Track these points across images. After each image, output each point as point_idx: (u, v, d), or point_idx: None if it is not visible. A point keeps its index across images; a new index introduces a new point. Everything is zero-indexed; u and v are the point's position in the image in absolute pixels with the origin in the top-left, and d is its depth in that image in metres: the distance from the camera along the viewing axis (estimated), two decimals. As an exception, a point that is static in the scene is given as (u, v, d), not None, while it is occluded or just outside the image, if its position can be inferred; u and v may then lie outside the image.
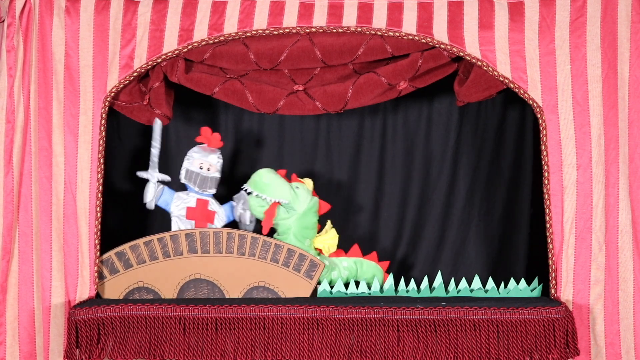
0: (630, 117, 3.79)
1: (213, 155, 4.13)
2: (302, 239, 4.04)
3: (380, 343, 3.70)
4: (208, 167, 4.11)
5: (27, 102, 3.86)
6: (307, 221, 4.07)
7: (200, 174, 4.10)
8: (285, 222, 4.04)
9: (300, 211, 4.04)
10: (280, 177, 4.05)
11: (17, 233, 3.86)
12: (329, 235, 4.14)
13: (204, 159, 4.11)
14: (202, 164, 4.11)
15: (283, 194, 4.01)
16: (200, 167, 4.11)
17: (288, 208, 4.04)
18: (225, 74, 4.03)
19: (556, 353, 3.66)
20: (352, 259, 4.14)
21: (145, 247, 3.95)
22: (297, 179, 4.11)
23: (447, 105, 4.51)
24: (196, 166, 4.11)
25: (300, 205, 4.04)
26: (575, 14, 3.79)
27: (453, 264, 4.53)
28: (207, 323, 3.75)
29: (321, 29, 3.86)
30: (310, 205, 4.07)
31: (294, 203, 4.03)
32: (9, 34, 3.83)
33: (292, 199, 4.02)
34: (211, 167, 4.11)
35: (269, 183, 4.00)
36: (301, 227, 4.05)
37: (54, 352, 3.86)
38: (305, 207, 4.05)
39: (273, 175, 4.03)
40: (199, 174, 4.10)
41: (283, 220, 4.04)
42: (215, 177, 4.12)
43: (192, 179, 4.11)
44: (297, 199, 4.03)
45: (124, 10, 3.89)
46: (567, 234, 3.80)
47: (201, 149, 4.14)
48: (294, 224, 4.04)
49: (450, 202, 4.55)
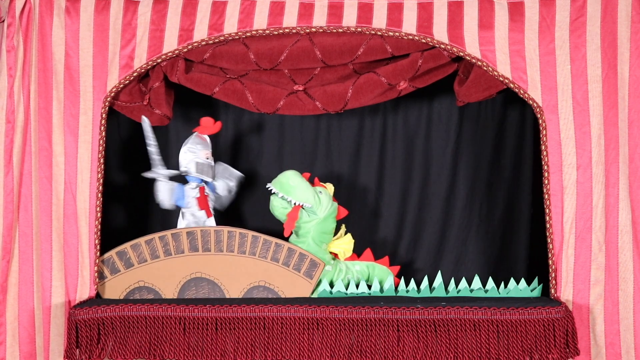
0: (630, 117, 3.79)
1: (209, 143, 4.17)
2: (320, 243, 4.05)
3: (380, 343, 3.70)
4: (208, 156, 4.15)
5: (27, 102, 3.86)
6: (327, 226, 4.09)
7: (210, 164, 4.14)
8: (305, 226, 4.05)
9: (322, 216, 4.06)
10: (305, 180, 4.06)
11: (17, 233, 3.86)
12: (345, 240, 4.16)
13: (207, 149, 4.15)
14: (207, 154, 4.14)
15: (308, 197, 4.03)
16: (206, 157, 4.13)
17: (310, 212, 4.05)
18: (225, 74, 4.03)
19: (556, 353, 3.66)
20: (365, 263, 4.15)
21: (147, 245, 3.95)
22: (319, 183, 4.13)
23: (447, 105, 4.51)
24: (203, 157, 4.13)
25: (322, 210, 4.06)
26: (575, 14, 3.79)
27: (453, 264, 4.53)
28: (207, 323, 3.75)
29: (321, 29, 3.86)
30: (331, 211, 4.09)
31: (316, 208, 4.04)
32: (9, 34, 3.83)
33: (315, 203, 4.03)
34: (209, 155, 4.16)
35: (295, 186, 4.02)
36: (320, 231, 4.06)
37: (54, 352, 3.86)
38: (326, 212, 4.07)
39: (299, 178, 4.05)
40: (209, 164, 4.13)
41: (304, 223, 4.05)
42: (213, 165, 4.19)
43: (204, 170, 4.13)
44: (320, 204, 4.05)
45: (124, 10, 3.89)
46: (567, 234, 3.80)
47: (200, 139, 4.15)
48: (313, 228, 4.05)
49: (450, 202, 4.55)
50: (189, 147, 4.13)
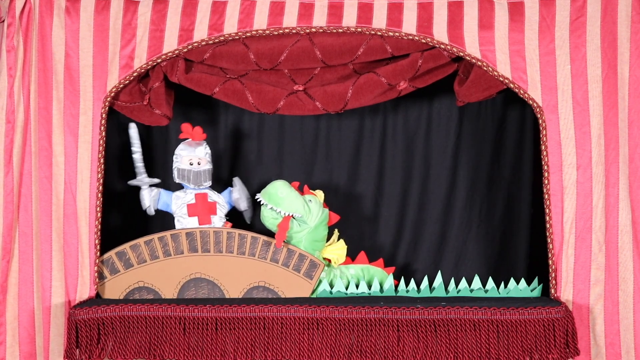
0: (630, 117, 3.79)
1: (200, 148, 4.13)
2: (313, 251, 4.04)
3: (380, 343, 3.70)
4: (198, 162, 4.12)
5: (27, 102, 3.86)
6: (318, 234, 4.07)
7: (192, 170, 4.11)
8: (297, 236, 4.03)
9: (312, 225, 4.04)
10: (294, 190, 4.04)
11: (17, 233, 3.86)
12: (338, 246, 4.15)
13: (192, 155, 4.12)
14: (191, 160, 4.11)
15: (297, 208, 4.01)
16: (190, 163, 4.11)
17: (300, 222, 4.03)
18: (225, 74, 4.03)
19: (556, 353, 3.66)
20: (359, 266, 4.14)
21: (146, 246, 3.95)
22: (309, 191, 4.11)
23: (447, 105, 4.51)
24: (186, 163, 4.12)
25: (312, 219, 4.04)
26: (575, 14, 3.79)
27: (453, 264, 4.52)
28: (207, 323, 3.75)
29: (321, 29, 3.86)
30: (322, 218, 4.07)
31: (307, 217, 4.02)
32: (9, 34, 3.84)
33: (305, 213, 4.02)
34: (201, 161, 4.12)
35: (283, 197, 4.00)
36: (312, 240, 4.05)
37: (54, 352, 3.86)
38: (317, 221, 4.05)
39: (288, 188, 4.03)
40: (191, 170, 4.11)
41: (295, 233, 4.03)
42: (207, 170, 4.13)
43: (185, 176, 4.12)
44: (310, 214, 4.03)
45: (124, 10, 3.89)
46: (567, 234, 3.80)
47: (187, 145, 4.14)
48: (305, 238, 4.03)
49: (450, 202, 4.54)
50: (174, 154, 4.14)
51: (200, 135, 4.16)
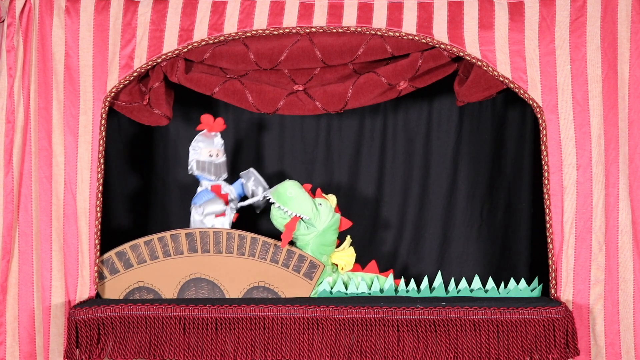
0: (630, 117, 3.79)
1: (217, 139, 4.14)
2: (320, 255, 4.02)
3: (380, 343, 3.70)
4: (217, 153, 4.12)
5: (27, 102, 3.86)
6: (326, 239, 4.04)
7: (212, 162, 4.12)
8: (304, 238, 4.01)
9: (320, 229, 4.01)
10: (305, 191, 4.03)
11: (17, 233, 3.86)
12: (347, 253, 4.12)
13: (211, 147, 4.13)
14: (210, 152, 4.12)
15: (305, 209, 3.99)
16: (210, 155, 4.12)
17: (308, 224, 4.01)
18: (225, 74, 4.03)
19: (556, 353, 3.66)
20: (368, 275, 4.09)
21: (146, 246, 3.95)
22: (321, 194, 4.09)
23: (447, 105, 4.51)
24: (205, 155, 4.12)
25: (320, 223, 4.01)
26: (575, 14, 3.79)
27: (453, 264, 4.52)
28: (207, 323, 3.75)
29: (321, 29, 3.86)
30: (331, 223, 4.04)
31: (315, 220, 4.00)
32: (9, 34, 3.84)
33: (314, 215, 4.00)
34: (219, 153, 4.13)
35: (292, 197, 3.98)
36: (320, 244, 4.02)
37: (54, 352, 3.86)
38: (325, 225, 4.03)
39: (298, 189, 4.01)
40: (212, 162, 4.12)
41: (303, 235, 4.02)
42: (224, 161, 4.15)
43: (206, 168, 4.11)
44: (319, 217, 4.00)
45: (124, 10, 3.89)
46: (567, 234, 3.80)
47: (204, 137, 4.14)
48: (312, 241, 4.01)
49: (451, 202, 4.54)
50: (192, 146, 4.13)
51: (220, 126, 4.16)
